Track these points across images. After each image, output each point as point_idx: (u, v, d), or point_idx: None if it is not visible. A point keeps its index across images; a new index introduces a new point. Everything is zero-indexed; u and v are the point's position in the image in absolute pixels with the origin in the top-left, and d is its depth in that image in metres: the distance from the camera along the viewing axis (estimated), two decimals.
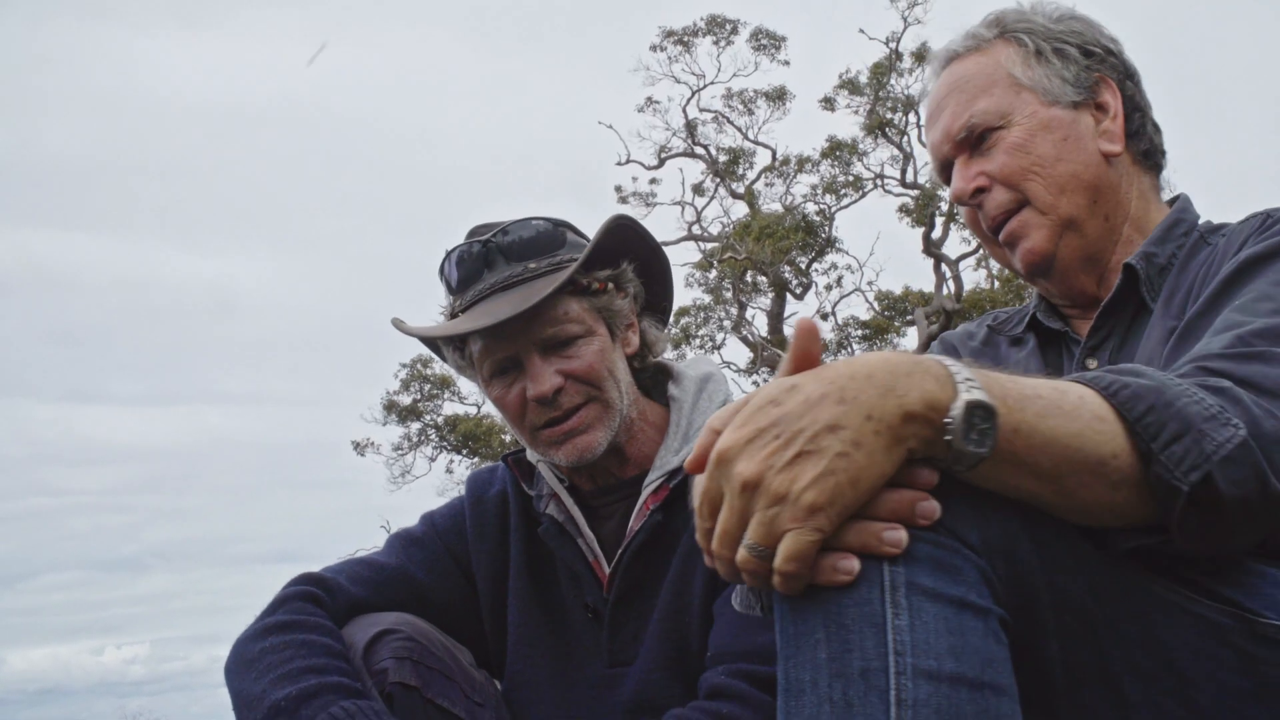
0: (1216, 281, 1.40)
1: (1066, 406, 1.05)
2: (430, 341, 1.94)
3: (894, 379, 1.00)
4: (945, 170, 1.72)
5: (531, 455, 1.97)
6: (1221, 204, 1.70)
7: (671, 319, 2.15)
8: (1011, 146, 1.61)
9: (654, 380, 1.99)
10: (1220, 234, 1.59)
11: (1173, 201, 1.70)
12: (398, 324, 1.91)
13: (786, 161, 19.20)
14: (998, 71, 1.65)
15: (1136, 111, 1.66)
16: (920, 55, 16.80)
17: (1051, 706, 1.08)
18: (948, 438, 1.00)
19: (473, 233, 1.89)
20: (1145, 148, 1.66)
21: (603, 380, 1.83)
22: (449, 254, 1.87)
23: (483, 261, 1.84)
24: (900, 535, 0.99)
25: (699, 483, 1.05)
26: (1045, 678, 1.07)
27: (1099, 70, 1.64)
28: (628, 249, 1.89)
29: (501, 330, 1.78)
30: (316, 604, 1.79)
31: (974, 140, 1.65)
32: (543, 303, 1.76)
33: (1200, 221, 1.65)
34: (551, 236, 1.85)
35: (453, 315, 1.90)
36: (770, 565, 0.99)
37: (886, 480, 1.00)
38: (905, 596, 0.98)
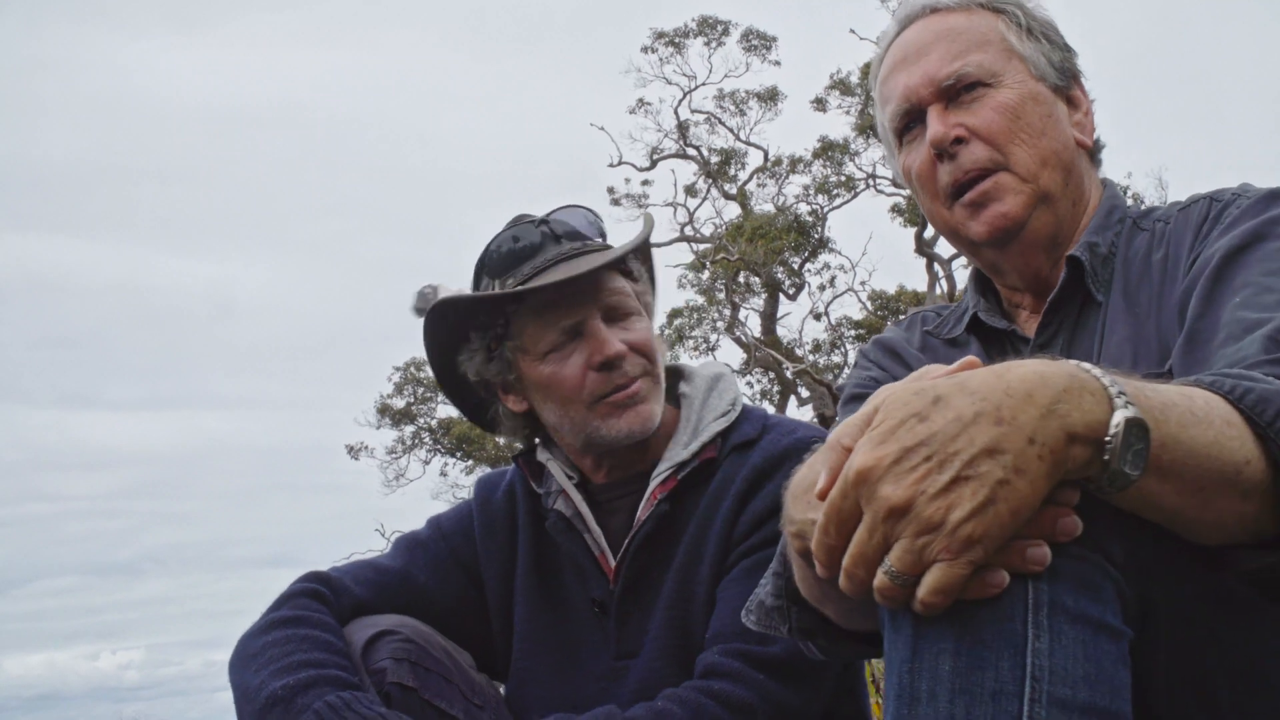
0: (1204, 280, 1.37)
1: (1199, 413, 0.99)
2: (450, 342, 1.92)
3: (1055, 397, 0.93)
4: (906, 117, 1.61)
5: (541, 454, 1.99)
6: None
7: (665, 320, 2.28)
8: (1001, 105, 1.54)
9: (668, 384, 2.02)
10: (1151, 219, 1.57)
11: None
12: (432, 295, 1.91)
13: (779, 162, 19.22)
14: (992, 33, 1.59)
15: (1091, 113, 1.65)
16: None
17: (1148, 709, 1.04)
18: (1106, 458, 0.93)
19: (518, 220, 1.93)
20: (1097, 148, 1.66)
21: (655, 357, 1.91)
22: (502, 235, 1.90)
23: (541, 240, 1.88)
24: (1045, 552, 0.93)
25: (830, 501, 0.97)
26: (1145, 684, 1.03)
27: (1072, 66, 1.63)
28: (647, 255, 2.00)
29: (574, 288, 1.82)
30: (321, 601, 1.81)
31: (956, 91, 1.57)
32: (606, 268, 1.85)
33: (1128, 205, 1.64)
34: (596, 226, 1.96)
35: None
36: (911, 592, 0.93)
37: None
38: (1047, 617, 0.93)
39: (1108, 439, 0.94)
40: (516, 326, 1.87)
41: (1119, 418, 0.93)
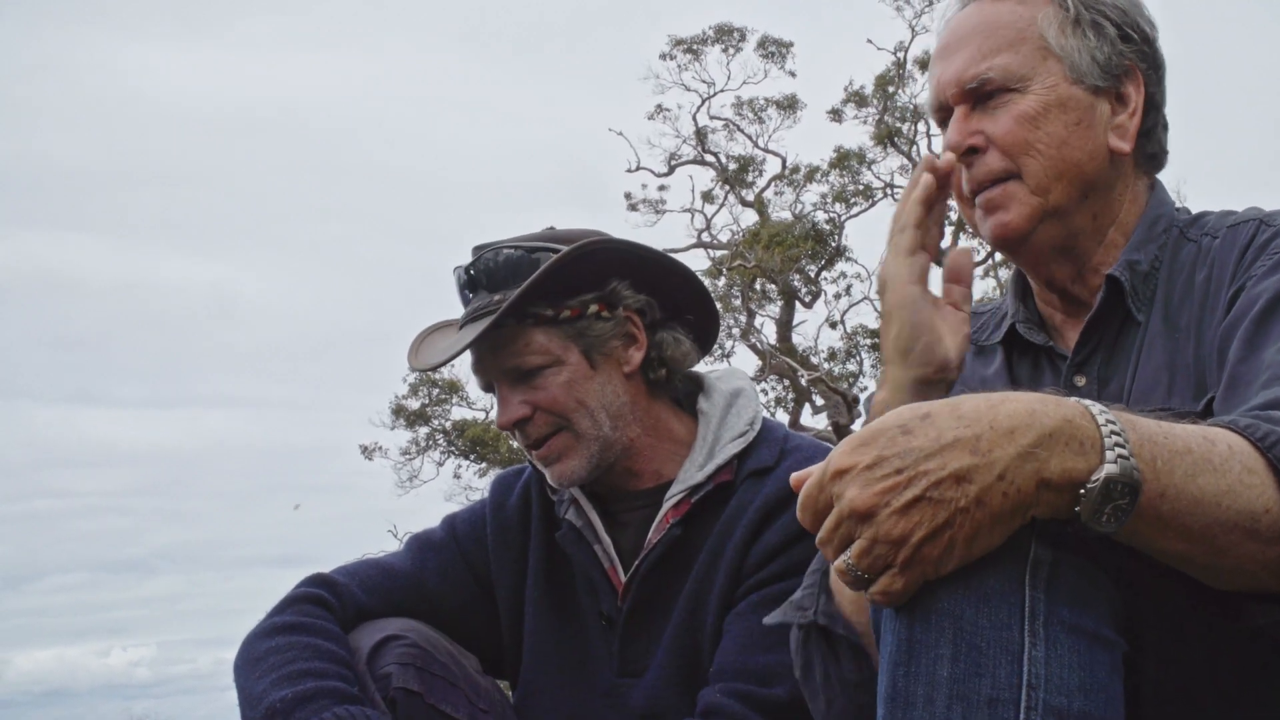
0: (1248, 323, 1.32)
1: (1216, 460, 0.98)
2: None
3: (1037, 441, 0.93)
4: (941, 111, 1.58)
5: None
6: (1222, 204, 1.63)
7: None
8: (1022, 115, 1.48)
9: (686, 393, 1.97)
10: (1200, 228, 1.52)
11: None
12: (410, 359, 1.97)
13: (796, 170, 19.20)
14: (1031, 29, 1.51)
15: (1154, 110, 1.55)
16: (926, 64, 16.73)
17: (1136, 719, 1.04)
18: (1076, 509, 0.94)
19: (474, 251, 1.90)
20: (1152, 150, 1.57)
21: (569, 411, 1.81)
22: (458, 269, 1.91)
23: (467, 287, 1.87)
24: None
25: (805, 490, 1.01)
26: (1134, 694, 1.03)
27: (1130, 59, 1.52)
28: (612, 270, 1.84)
29: (473, 360, 1.84)
30: (324, 607, 1.81)
31: (983, 94, 1.52)
32: (500, 336, 1.78)
33: (1177, 208, 1.58)
34: (524, 265, 1.81)
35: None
36: (867, 585, 0.97)
37: (1001, 543, 0.95)
38: (1043, 627, 0.95)
39: (1082, 492, 0.94)
40: None
41: (1102, 473, 0.93)
